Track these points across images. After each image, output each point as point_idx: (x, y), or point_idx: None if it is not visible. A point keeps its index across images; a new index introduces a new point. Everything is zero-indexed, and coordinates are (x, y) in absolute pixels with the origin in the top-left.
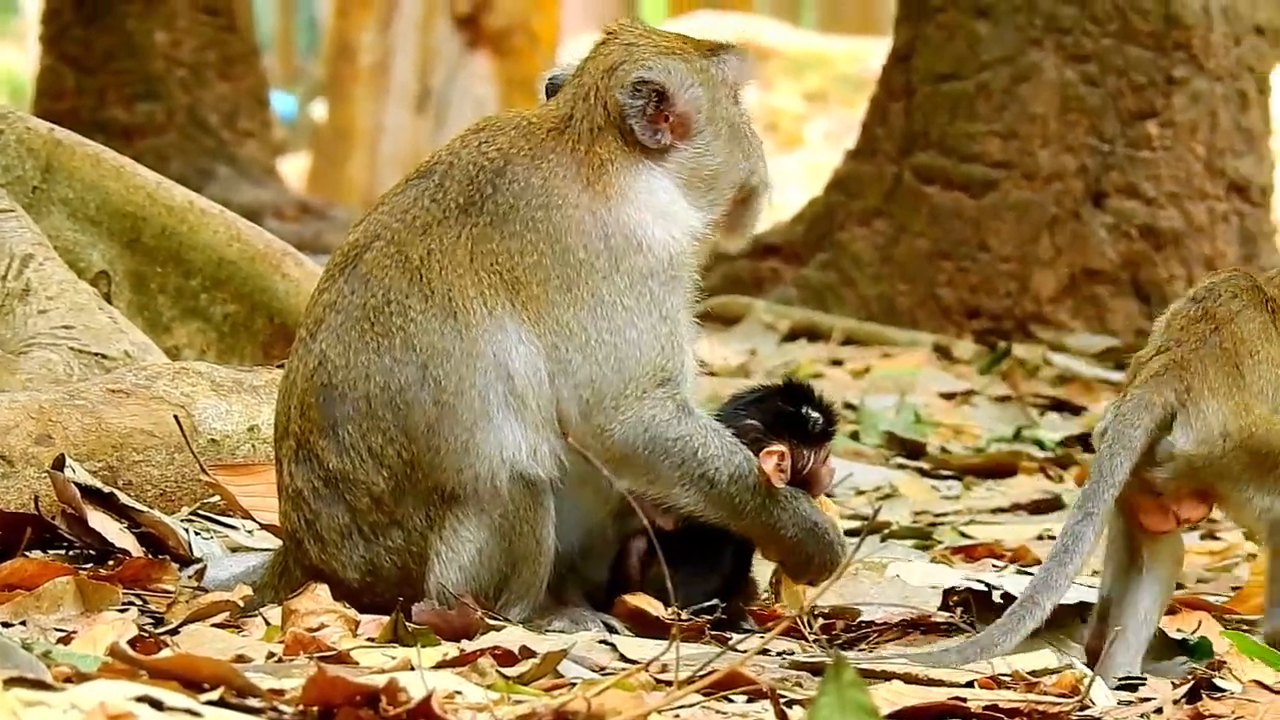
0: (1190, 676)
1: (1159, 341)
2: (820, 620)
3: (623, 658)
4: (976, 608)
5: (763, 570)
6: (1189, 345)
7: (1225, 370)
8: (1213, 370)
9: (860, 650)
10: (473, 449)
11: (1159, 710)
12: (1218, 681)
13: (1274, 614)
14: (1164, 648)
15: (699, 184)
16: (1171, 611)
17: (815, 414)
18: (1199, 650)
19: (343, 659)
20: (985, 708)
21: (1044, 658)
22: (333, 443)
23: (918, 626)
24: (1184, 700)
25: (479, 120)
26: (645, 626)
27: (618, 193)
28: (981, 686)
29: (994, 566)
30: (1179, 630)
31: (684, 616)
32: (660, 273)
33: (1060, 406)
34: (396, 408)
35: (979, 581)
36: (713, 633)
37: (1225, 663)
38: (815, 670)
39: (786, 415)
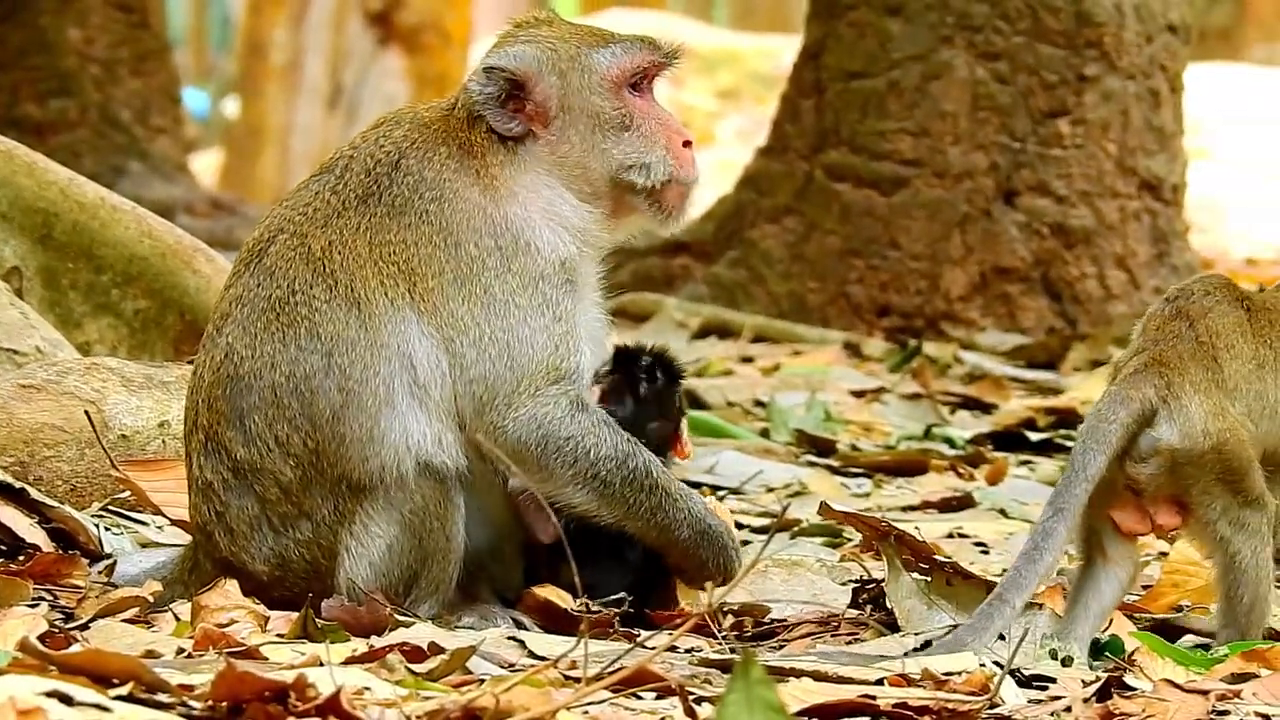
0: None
1: (1136, 344)
2: (730, 618)
3: (531, 654)
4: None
5: None
6: (1166, 343)
7: (1204, 364)
8: (1192, 365)
9: (773, 647)
10: (377, 437)
11: (1068, 709)
12: (1128, 680)
13: (1227, 632)
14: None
15: (572, 176)
16: None
17: (642, 375)
18: (1110, 648)
19: (252, 655)
20: (895, 705)
21: (962, 659)
22: (240, 433)
23: (827, 624)
24: (1094, 699)
25: (380, 116)
26: (554, 620)
27: (505, 189)
28: (891, 684)
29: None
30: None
31: (592, 609)
32: (552, 275)
33: (971, 404)
34: (302, 395)
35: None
36: (621, 630)
37: (1136, 661)
38: (724, 667)
39: (618, 381)
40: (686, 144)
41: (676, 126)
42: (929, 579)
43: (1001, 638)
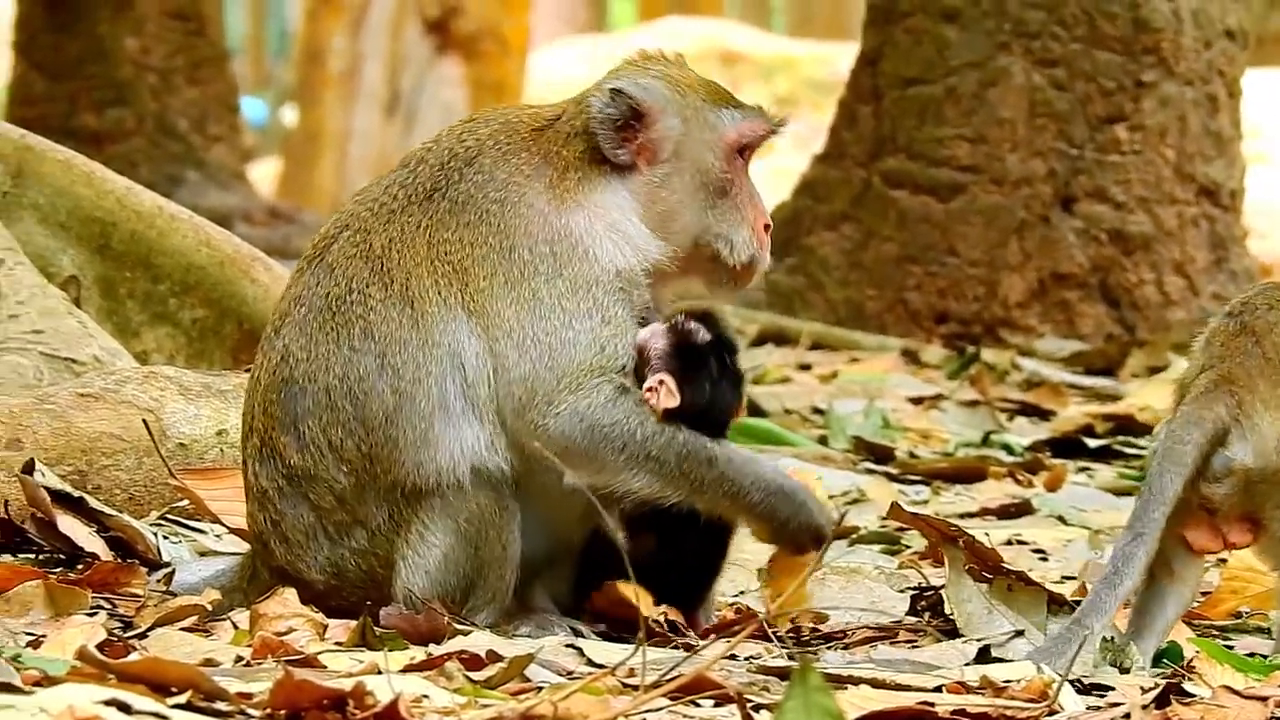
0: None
1: (1201, 360)
2: (788, 624)
3: (590, 662)
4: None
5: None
6: (1234, 360)
7: (1273, 380)
8: (1261, 383)
9: (837, 653)
10: (431, 440)
11: (1127, 715)
12: (1187, 686)
13: None
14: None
15: (656, 216)
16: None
17: (701, 339)
18: (1168, 655)
19: (310, 663)
20: (953, 712)
21: (1021, 667)
22: (294, 438)
23: (886, 631)
24: (1153, 705)
25: (473, 112)
26: (624, 618)
27: (573, 200)
28: (950, 691)
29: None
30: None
31: (659, 616)
32: (606, 283)
33: (1028, 411)
34: (355, 398)
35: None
36: (680, 637)
37: (1195, 668)
38: (782, 674)
39: (676, 346)
40: (767, 227)
41: (764, 208)
42: (990, 584)
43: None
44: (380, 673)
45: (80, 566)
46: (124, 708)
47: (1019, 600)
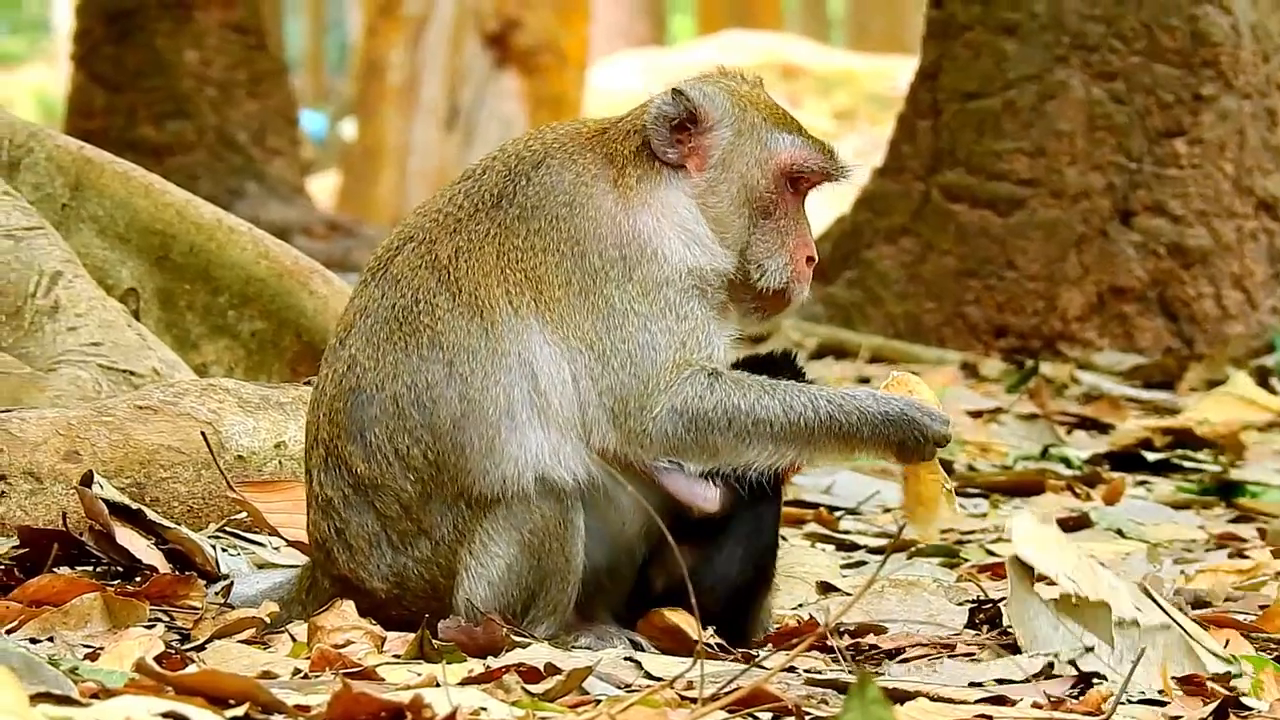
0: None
1: None
2: (846, 637)
3: (648, 675)
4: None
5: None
6: None
7: None
8: None
9: (896, 666)
10: (498, 448)
11: None
12: (1244, 700)
13: None
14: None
15: (712, 221)
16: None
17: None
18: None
19: (368, 675)
20: None
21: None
22: (360, 447)
23: (945, 644)
24: (1211, 718)
25: (537, 127)
26: (675, 643)
27: (639, 199)
28: (1006, 704)
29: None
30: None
31: (710, 639)
32: (677, 281)
33: (1087, 424)
34: (423, 406)
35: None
36: (738, 649)
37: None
38: (840, 687)
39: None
40: (810, 260)
41: (809, 240)
42: (1055, 599)
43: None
44: (438, 685)
45: (138, 579)
46: None
47: (1084, 614)
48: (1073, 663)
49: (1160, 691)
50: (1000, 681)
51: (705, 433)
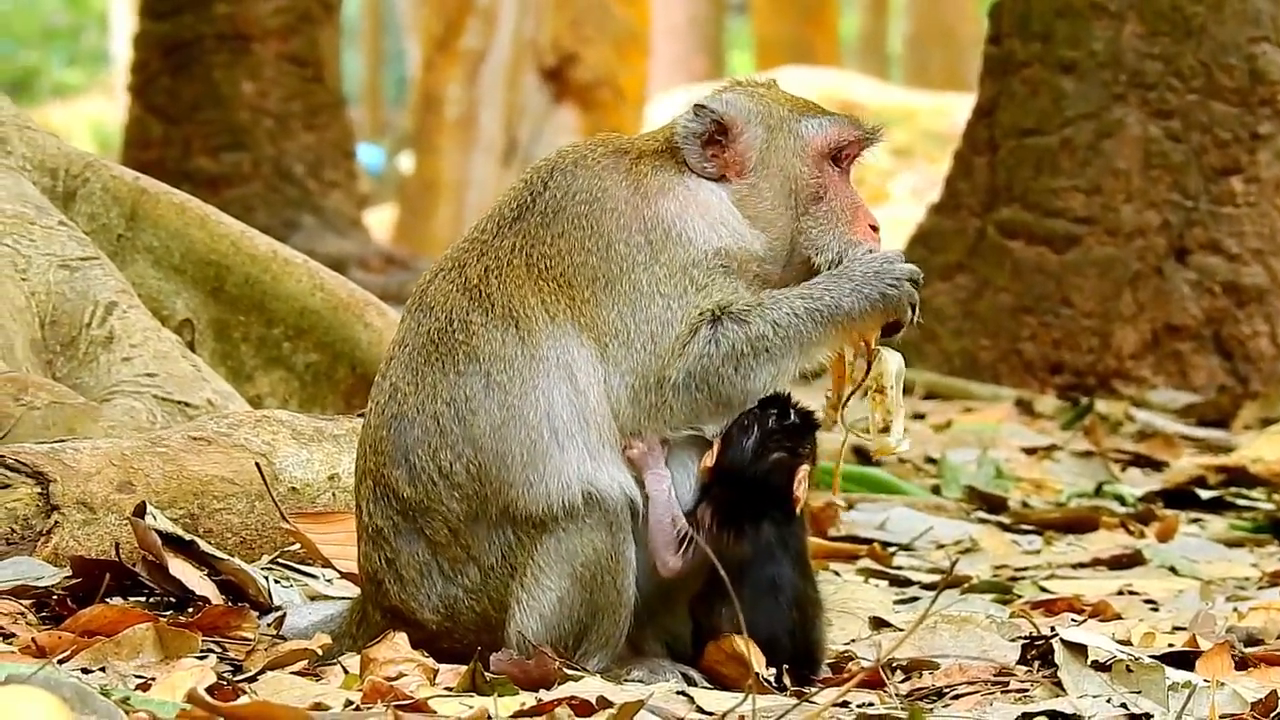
0: None
1: None
2: (899, 672)
3: (700, 709)
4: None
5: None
6: None
7: None
8: None
9: (948, 704)
10: (540, 456)
11: None
12: None
13: None
14: None
15: (753, 217)
16: (1242, 666)
17: (774, 409)
18: None
19: (420, 708)
20: None
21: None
22: (404, 470)
23: (999, 680)
24: None
25: None
26: (740, 671)
27: (657, 186)
28: None
29: (1073, 621)
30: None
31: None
32: (703, 262)
33: (1142, 462)
34: (462, 419)
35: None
36: (797, 684)
37: None
38: None
39: (794, 428)
40: (874, 228)
41: (866, 209)
42: (1110, 670)
43: None
44: (490, 718)
45: (191, 610)
46: None
47: (1139, 679)
48: (1124, 705)
49: None
50: (1052, 717)
51: (718, 387)
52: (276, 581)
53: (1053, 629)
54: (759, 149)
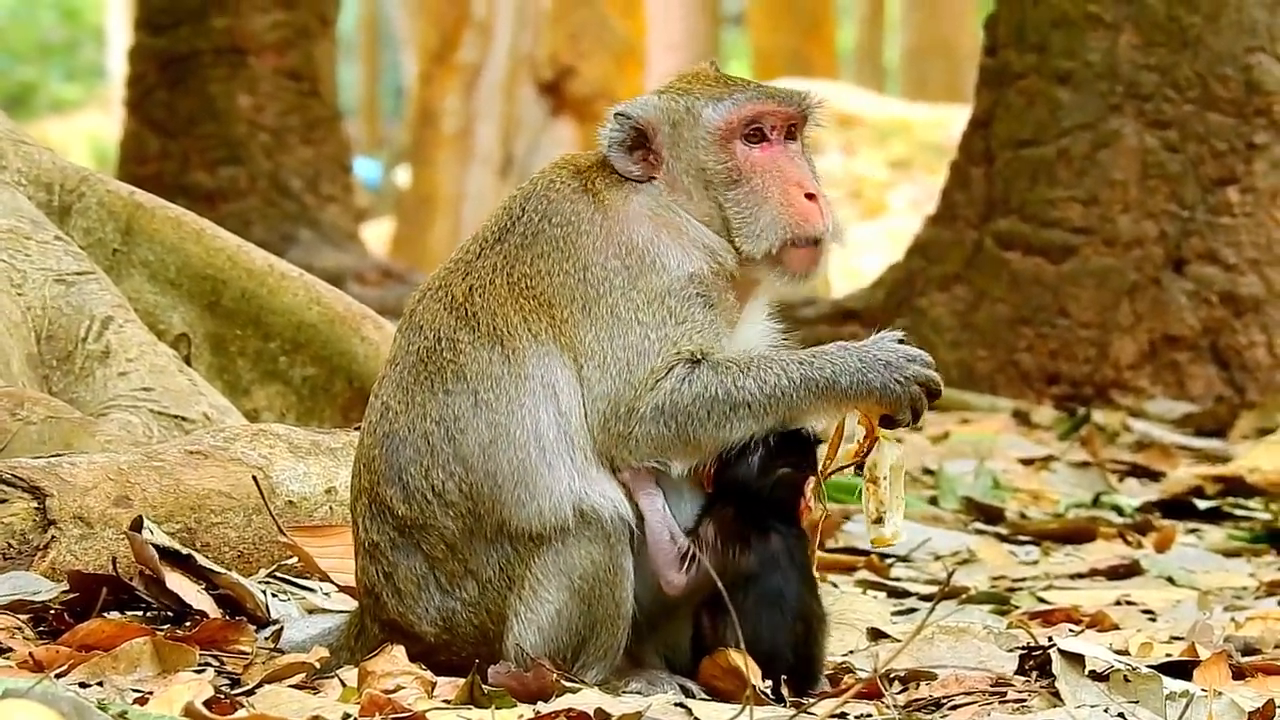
0: None
1: None
2: (897, 683)
3: None
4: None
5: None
6: None
7: None
8: None
9: (945, 715)
10: (530, 473)
11: None
12: None
13: None
14: None
15: (696, 216)
16: (1239, 675)
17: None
18: None
19: None
20: None
21: None
22: (399, 489)
23: (997, 691)
24: None
25: None
26: (737, 684)
27: (628, 212)
28: None
29: (1071, 631)
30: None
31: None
32: (679, 290)
33: (1139, 472)
34: (452, 438)
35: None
36: (798, 696)
37: None
38: None
39: (798, 441)
40: (810, 196)
41: (799, 178)
42: (1107, 680)
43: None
44: None
45: (188, 624)
46: None
47: (1137, 689)
48: (1121, 715)
49: None
50: None
51: (685, 426)
52: (274, 595)
53: (1050, 639)
54: (669, 146)
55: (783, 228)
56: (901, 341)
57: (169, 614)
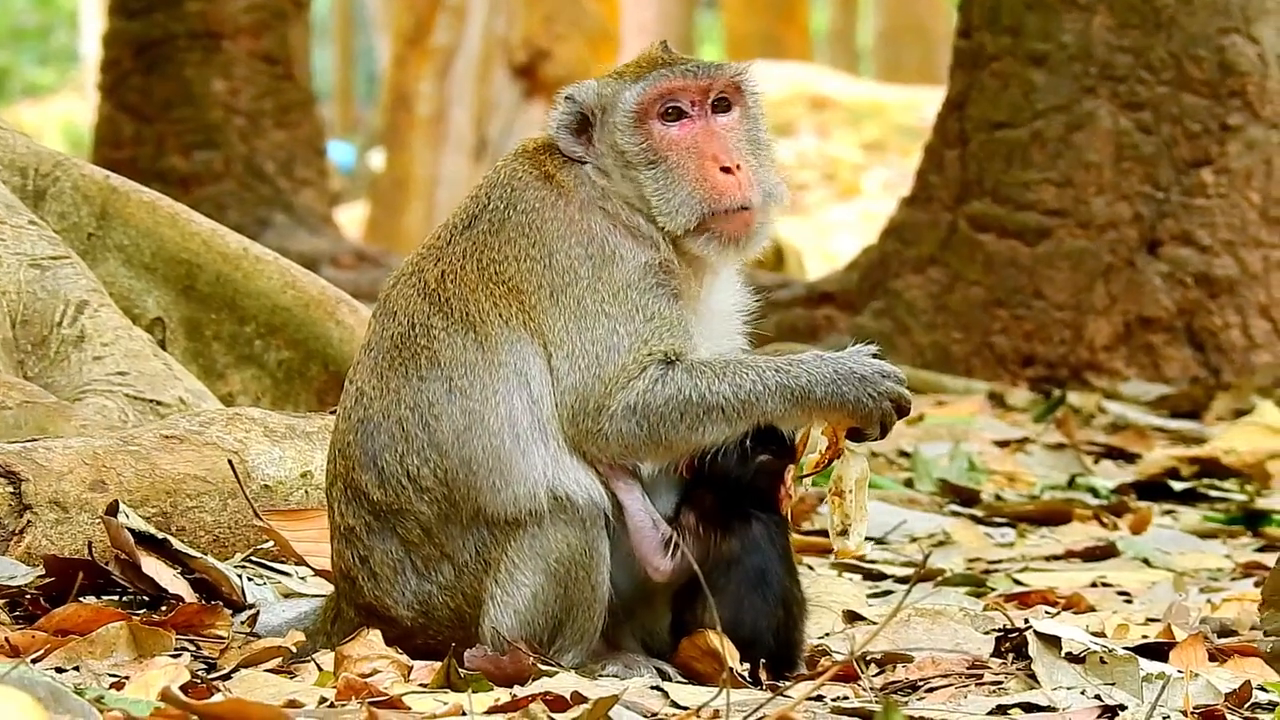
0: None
1: None
2: (873, 666)
3: (674, 704)
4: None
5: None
6: None
7: None
8: None
9: (911, 694)
10: (504, 460)
11: None
12: None
13: None
14: None
15: (633, 199)
16: (1215, 657)
17: None
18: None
19: (395, 704)
20: None
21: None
22: (374, 475)
23: (973, 673)
24: None
25: None
26: (715, 666)
27: (583, 198)
28: None
29: (1047, 613)
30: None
31: (740, 667)
32: (638, 281)
33: (1114, 454)
34: (426, 424)
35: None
36: (774, 679)
37: None
38: (866, 716)
39: (777, 430)
40: (725, 169)
41: (714, 152)
42: (1083, 662)
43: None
44: (464, 714)
45: (164, 608)
46: None
47: (1112, 670)
48: (1098, 696)
49: (1185, 713)
50: (1026, 709)
51: (658, 427)
52: (250, 579)
53: (1026, 621)
54: (598, 129)
55: (697, 203)
56: (876, 356)
57: (145, 598)
